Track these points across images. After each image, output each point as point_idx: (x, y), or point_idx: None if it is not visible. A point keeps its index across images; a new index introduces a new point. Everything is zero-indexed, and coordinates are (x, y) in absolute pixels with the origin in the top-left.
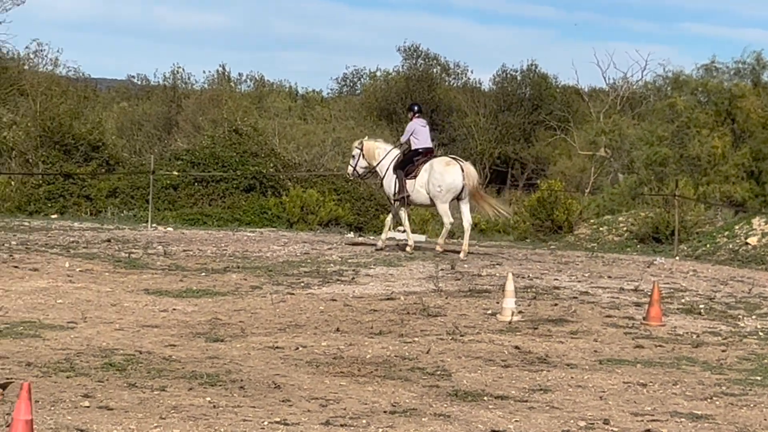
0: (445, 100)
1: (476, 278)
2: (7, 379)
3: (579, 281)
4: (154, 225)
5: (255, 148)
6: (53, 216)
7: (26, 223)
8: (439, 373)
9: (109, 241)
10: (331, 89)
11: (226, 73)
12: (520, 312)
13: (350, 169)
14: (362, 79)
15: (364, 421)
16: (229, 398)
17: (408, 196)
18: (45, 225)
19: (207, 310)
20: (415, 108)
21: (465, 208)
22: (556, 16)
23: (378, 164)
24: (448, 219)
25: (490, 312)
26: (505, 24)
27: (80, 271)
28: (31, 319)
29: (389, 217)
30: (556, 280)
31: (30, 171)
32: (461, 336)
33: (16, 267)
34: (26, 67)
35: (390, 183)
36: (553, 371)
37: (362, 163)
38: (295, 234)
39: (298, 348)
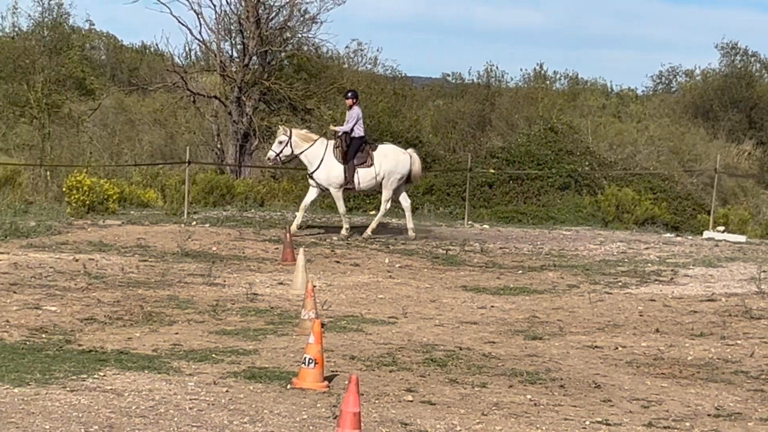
0: (765, 98)
1: None
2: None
3: None
4: (470, 222)
5: (570, 146)
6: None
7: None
8: (764, 377)
9: (426, 237)
10: (645, 87)
11: (543, 71)
12: None
13: (272, 154)
14: (677, 77)
15: (687, 424)
16: (550, 396)
17: (353, 188)
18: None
19: (525, 307)
20: (350, 94)
21: (404, 192)
22: None
23: (302, 152)
24: (388, 206)
25: None
26: None
27: (399, 267)
28: (353, 314)
29: (341, 203)
30: None
31: None
32: None
33: (338, 262)
34: (346, 66)
35: (332, 172)
36: None
37: (287, 151)
38: (611, 233)
39: (617, 348)
